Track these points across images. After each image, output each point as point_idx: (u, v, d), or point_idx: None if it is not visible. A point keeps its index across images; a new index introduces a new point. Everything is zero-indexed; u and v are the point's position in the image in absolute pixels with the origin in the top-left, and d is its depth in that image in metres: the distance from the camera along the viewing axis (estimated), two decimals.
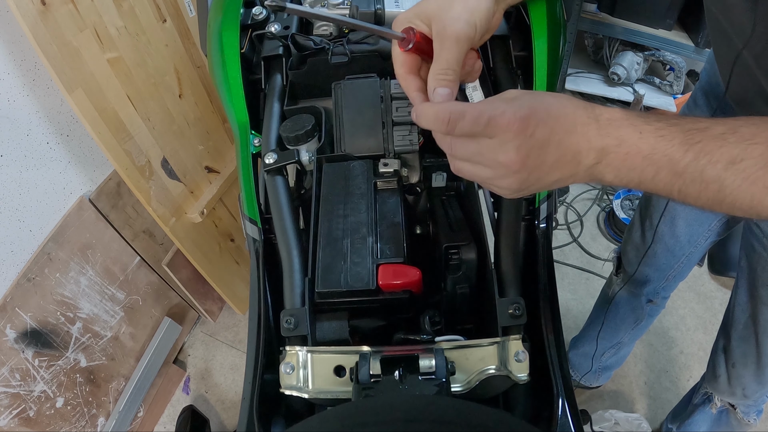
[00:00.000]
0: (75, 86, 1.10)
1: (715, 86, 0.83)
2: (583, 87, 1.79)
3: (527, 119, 0.44)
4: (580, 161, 0.46)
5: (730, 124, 0.43)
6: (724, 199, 0.43)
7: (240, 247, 1.73)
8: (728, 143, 0.42)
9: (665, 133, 0.44)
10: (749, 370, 0.97)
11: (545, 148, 0.45)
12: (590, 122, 0.45)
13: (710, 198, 0.43)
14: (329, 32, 0.76)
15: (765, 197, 0.41)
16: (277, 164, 0.66)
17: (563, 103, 0.47)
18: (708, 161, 0.42)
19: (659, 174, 0.44)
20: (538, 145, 0.45)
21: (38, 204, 1.24)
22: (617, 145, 0.44)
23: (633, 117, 0.45)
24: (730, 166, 0.41)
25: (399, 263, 0.54)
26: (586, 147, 0.45)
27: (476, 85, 0.65)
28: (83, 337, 1.37)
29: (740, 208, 0.43)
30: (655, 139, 0.43)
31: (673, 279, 1.15)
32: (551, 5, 0.73)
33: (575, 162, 0.46)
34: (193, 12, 1.39)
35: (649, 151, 0.44)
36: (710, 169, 0.42)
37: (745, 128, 0.42)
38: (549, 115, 0.45)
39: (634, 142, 0.44)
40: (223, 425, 1.60)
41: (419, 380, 0.49)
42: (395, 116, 0.63)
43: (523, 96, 0.47)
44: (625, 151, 0.44)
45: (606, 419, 1.41)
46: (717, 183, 0.42)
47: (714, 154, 0.42)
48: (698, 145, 0.42)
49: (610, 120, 0.45)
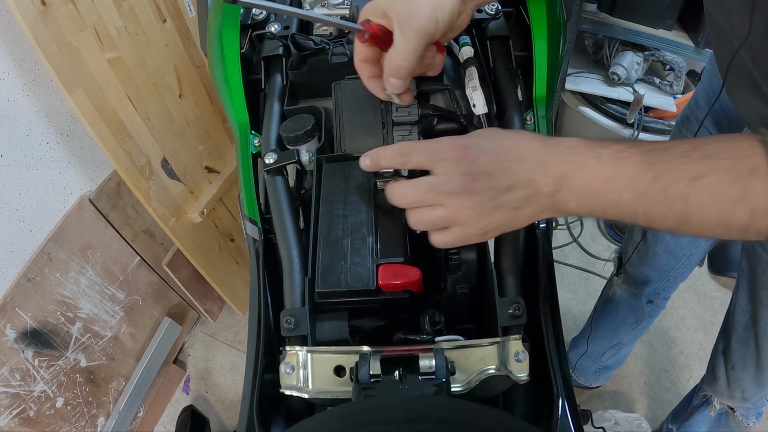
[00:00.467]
0: (75, 86, 1.10)
1: (717, 88, 0.83)
2: (583, 87, 1.79)
3: (467, 148, 0.45)
4: (539, 189, 0.45)
5: (695, 142, 0.42)
6: (690, 218, 0.42)
7: (240, 247, 1.73)
8: (691, 160, 0.41)
9: (624, 155, 0.43)
10: (749, 372, 0.97)
11: (493, 175, 0.45)
12: (546, 151, 0.45)
13: (676, 218, 0.42)
14: (329, 32, 0.76)
15: (733, 212, 0.40)
16: (277, 164, 0.66)
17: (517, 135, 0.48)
18: (670, 179, 0.41)
19: (622, 197, 0.43)
20: (483, 171, 0.45)
21: (38, 204, 1.24)
22: (576, 170, 0.44)
23: (591, 143, 0.45)
24: (694, 183, 0.40)
25: (399, 263, 0.54)
26: (541, 173, 0.45)
27: (476, 85, 0.65)
28: (83, 337, 1.37)
29: (708, 227, 0.42)
30: (614, 161, 0.43)
31: (674, 280, 1.15)
32: (551, 5, 0.73)
33: (533, 189, 0.45)
34: (193, 12, 1.39)
35: (609, 174, 0.43)
36: (673, 187, 0.41)
37: (710, 145, 0.41)
38: (493, 144, 0.46)
39: (594, 166, 0.43)
40: (223, 425, 1.60)
41: (419, 380, 0.49)
42: (395, 116, 0.63)
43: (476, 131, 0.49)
44: (585, 176, 0.44)
45: (606, 419, 1.41)
46: (681, 201, 0.41)
47: (676, 172, 0.41)
48: (659, 164, 0.42)
49: (569, 147, 0.45)
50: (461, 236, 0.49)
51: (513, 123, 0.67)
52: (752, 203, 0.40)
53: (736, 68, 0.62)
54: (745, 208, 0.40)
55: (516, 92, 0.70)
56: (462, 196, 0.45)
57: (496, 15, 0.73)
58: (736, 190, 0.40)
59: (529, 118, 0.69)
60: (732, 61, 0.61)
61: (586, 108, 1.83)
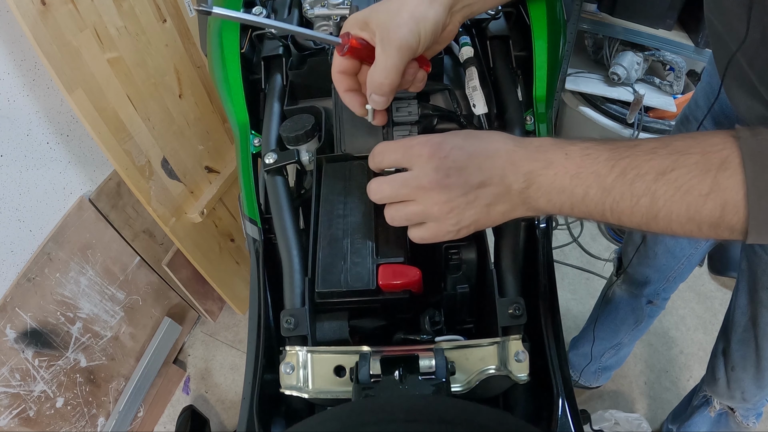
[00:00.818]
0: (75, 86, 1.10)
1: (716, 87, 0.83)
2: (583, 87, 1.79)
3: (440, 144, 0.47)
4: (510, 185, 0.46)
5: (664, 140, 0.43)
6: (658, 213, 0.42)
7: (240, 247, 1.73)
8: (658, 156, 0.41)
9: (591, 151, 0.44)
10: (749, 373, 0.97)
11: (465, 170, 0.46)
12: (517, 149, 0.46)
13: (644, 213, 0.42)
14: (329, 32, 0.76)
15: (703, 206, 0.40)
16: (277, 164, 0.66)
17: (489, 134, 0.49)
18: (636, 174, 0.42)
19: (588, 193, 0.44)
20: (455, 166, 0.46)
21: (38, 204, 1.24)
22: (544, 167, 0.45)
23: (561, 142, 0.46)
24: (661, 177, 0.41)
25: (399, 263, 0.54)
26: (512, 171, 0.46)
27: (476, 85, 0.65)
28: (83, 337, 1.37)
29: (677, 222, 0.41)
30: (581, 158, 0.44)
31: (674, 280, 1.15)
32: (551, 5, 0.73)
33: (504, 186, 0.46)
34: (193, 12, 1.40)
35: (575, 170, 0.44)
36: (639, 182, 0.41)
37: (679, 141, 0.42)
38: (466, 142, 0.47)
39: (561, 163, 0.44)
40: (223, 425, 1.60)
41: (419, 380, 0.49)
42: (395, 116, 0.63)
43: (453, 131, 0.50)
44: (553, 172, 0.45)
45: (606, 419, 1.41)
46: (648, 196, 0.41)
47: (642, 167, 0.42)
48: (626, 160, 0.42)
49: (539, 146, 0.46)
50: (434, 231, 0.49)
51: (513, 123, 0.67)
52: (722, 196, 0.39)
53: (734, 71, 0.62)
54: (715, 202, 0.39)
55: (516, 92, 0.70)
56: (434, 190, 0.46)
57: (496, 15, 0.73)
58: (705, 184, 0.39)
59: (529, 118, 0.69)
60: (729, 65, 0.61)
61: (586, 108, 1.83)
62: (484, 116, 0.66)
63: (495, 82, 0.71)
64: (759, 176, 0.38)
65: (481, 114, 0.66)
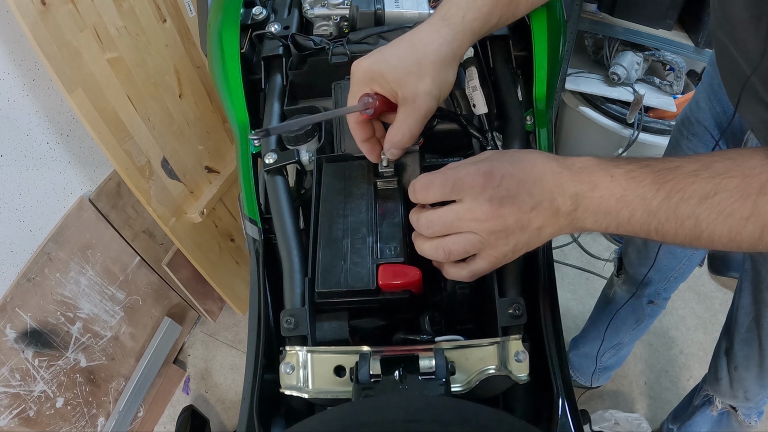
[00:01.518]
0: (75, 86, 1.10)
1: (718, 90, 0.83)
2: (583, 87, 1.79)
3: (490, 173, 0.46)
4: (558, 208, 0.47)
5: (704, 160, 0.44)
6: (701, 235, 0.43)
7: (240, 247, 1.73)
8: (701, 179, 0.43)
9: (636, 174, 0.45)
10: (751, 372, 0.97)
11: (518, 197, 0.46)
12: (562, 171, 0.47)
13: (687, 235, 0.44)
14: (329, 32, 0.76)
15: (743, 229, 0.42)
16: (277, 164, 0.66)
17: (532, 156, 0.49)
18: (681, 198, 0.43)
19: (634, 215, 0.45)
20: (508, 195, 0.46)
21: (38, 204, 1.24)
22: (590, 189, 0.46)
23: (604, 162, 0.47)
24: (704, 201, 0.42)
25: (399, 263, 0.54)
26: (560, 193, 0.46)
27: (476, 85, 0.65)
28: (83, 337, 1.37)
29: (719, 242, 0.43)
30: (626, 181, 0.45)
31: (675, 280, 1.15)
32: (551, 5, 0.73)
33: (553, 209, 0.47)
34: (193, 12, 1.40)
35: (621, 193, 0.45)
36: (683, 205, 0.43)
37: (720, 163, 0.43)
38: (514, 167, 0.47)
39: (607, 186, 0.45)
40: (223, 425, 1.60)
41: (419, 380, 0.49)
42: None
43: (491, 155, 0.50)
44: (599, 195, 0.45)
45: (606, 419, 1.41)
46: (692, 219, 0.43)
47: (686, 191, 0.43)
48: (670, 183, 0.43)
49: (582, 167, 0.47)
50: (493, 261, 0.50)
51: (513, 123, 0.67)
52: (762, 220, 0.41)
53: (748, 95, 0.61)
54: (755, 225, 0.41)
55: (516, 92, 0.70)
56: (491, 221, 0.47)
57: None
58: (745, 208, 0.41)
59: (529, 118, 0.69)
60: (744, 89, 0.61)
61: (586, 108, 1.83)
62: (484, 116, 0.66)
63: (495, 82, 0.71)
64: None
65: (481, 114, 0.66)
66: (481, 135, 0.66)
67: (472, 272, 0.51)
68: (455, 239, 0.49)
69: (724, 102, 0.82)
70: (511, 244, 0.48)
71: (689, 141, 0.92)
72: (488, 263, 0.50)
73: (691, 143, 0.92)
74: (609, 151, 1.80)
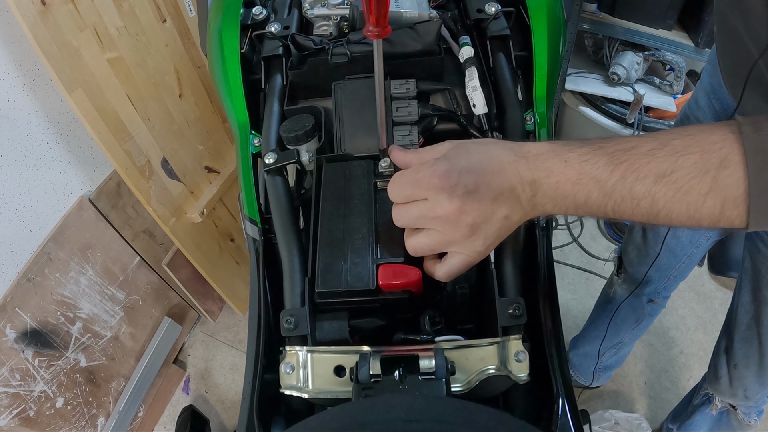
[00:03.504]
0: (75, 86, 1.10)
1: (717, 88, 0.83)
2: (583, 87, 1.79)
3: (448, 173, 0.47)
4: (518, 196, 0.47)
5: (661, 139, 0.43)
6: (658, 213, 0.43)
7: (240, 247, 1.73)
8: (657, 158, 0.42)
9: (589, 157, 0.45)
10: (751, 371, 0.97)
11: (477, 192, 0.46)
12: (518, 160, 0.47)
13: (644, 214, 0.44)
14: (329, 32, 0.76)
15: (702, 204, 0.41)
16: (277, 164, 0.66)
17: (488, 147, 0.49)
18: (636, 178, 0.43)
19: (590, 197, 0.45)
20: (467, 191, 0.46)
21: (38, 204, 1.24)
22: (546, 176, 0.46)
23: (559, 148, 0.47)
24: (660, 180, 0.42)
25: (399, 263, 0.54)
26: (518, 182, 0.47)
27: (476, 85, 0.65)
28: (83, 337, 1.37)
29: (678, 220, 0.43)
30: (580, 164, 0.45)
31: (674, 279, 1.15)
32: (551, 5, 0.73)
33: (514, 197, 0.47)
34: (193, 12, 1.39)
35: (576, 177, 0.45)
36: (639, 185, 0.43)
37: (678, 140, 0.42)
38: (471, 162, 0.48)
39: (561, 171, 0.46)
40: (223, 425, 1.60)
41: (419, 380, 0.49)
42: (395, 116, 0.63)
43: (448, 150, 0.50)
44: (555, 180, 0.46)
45: (606, 419, 1.41)
46: (648, 198, 0.43)
47: (641, 171, 0.43)
48: (624, 164, 0.43)
49: (538, 154, 0.47)
50: (466, 259, 0.50)
51: (513, 123, 0.67)
52: (722, 194, 0.40)
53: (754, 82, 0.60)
54: (715, 200, 0.41)
55: (516, 92, 0.70)
56: (453, 219, 0.47)
57: (496, 15, 0.73)
58: (704, 183, 0.41)
59: (529, 118, 0.69)
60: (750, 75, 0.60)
61: (586, 108, 1.83)
62: (484, 116, 0.66)
63: (495, 82, 0.71)
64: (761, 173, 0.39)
65: (481, 114, 0.66)
66: (481, 135, 0.66)
67: (446, 273, 0.51)
68: (420, 237, 0.50)
69: (723, 100, 0.82)
70: (481, 239, 0.48)
71: None
72: (461, 261, 0.50)
73: None
74: None
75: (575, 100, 1.86)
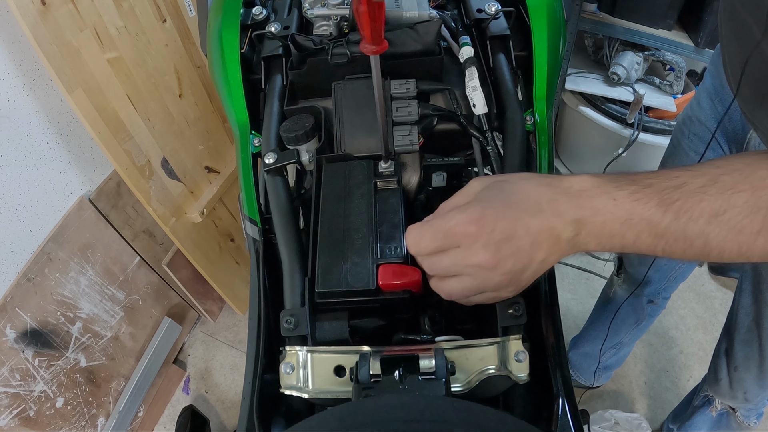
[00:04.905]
0: (75, 86, 1.10)
1: (719, 89, 0.83)
2: (583, 87, 1.79)
3: (482, 220, 0.44)
4: (558, 236, 0.45)
5: (710, 174, 0.42)
6: (710, 252, 0.43)
7: (240, 247, 1.73)
8: (708, 196, 0.41)
9: (640, 196, 0.43)
10: (751, 373, 0.97)
11: (513, 238, 0.44)
12: (558, 197, 0.45)
13: (696, 253, 0.43)
14: (329, 32, 0.76)
15: (754, 243, 0.41)
16: (277, 164, 0.66)
17: (523, 185, 0.46)
18: (689, 218, 0.42)
19: (640, 237, 0.43)
20: (504, 237, 0.44)
21: (38, 204, 1.24)
22: (592, 215, 0.44)
23: (604, 184, 0.44)
24: (713, 219, 0.41)
25: (399, 263, 0.53)
26: (560, 222, 0.44)
27: (476, 85, 0.65)
28: (83, 337, 1.37)
29: (729, 257, 0.43)
30: (630, 204, 0.43)
31: (674, 280, 1.15)
32: (551, 5, 0.73)
33: (554, 238, 0.45)
34: (193, 12, 1.39)
35: (626, 217, 0.43)
36: (692, 225, 0.42)
37: (726, 176, 0.42)
38: (506, 206, 0.45)
39: (610, 210, 0.43)
40: (223, 425, 1.60)
41: (419, 380, 0.49)
42: (395, 116, 0.63)
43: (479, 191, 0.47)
44: (602, 219, 0.44)
45: (606, 419, 1.41)
46: (701, 238, 0.42)
47: (694, 211, 0.42)
48: (677, 204, 0.42)
49: (581, 191, 0.45)
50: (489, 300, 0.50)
51: (513, 123, 0.67)
52: None
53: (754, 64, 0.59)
54: (766, 238, 0.41)
55: (516, 92, 0.70)
56: (489, 267, 0.45)
57: (496, 15, 0.73)
58: (756, 223, 0.40)
59: (529, 118, 0.69)
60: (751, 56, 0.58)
61: (586, 108, 1.83)
62: (484, 116, 0.66)
63: (495, 82, 0.71)
64: None
65: (481, 114, 0.66)
66: (480, 135, 0.66)
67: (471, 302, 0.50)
68: (453, 282, 0.48)
69: (725, 102, 0.82)
70: (514, 285, 0.47)
71: (690, 140, 0.92)
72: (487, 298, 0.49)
73: (693, 143, 0.92)
74: (609, 151, 1.80)
75: (575, 100, 1.86)
